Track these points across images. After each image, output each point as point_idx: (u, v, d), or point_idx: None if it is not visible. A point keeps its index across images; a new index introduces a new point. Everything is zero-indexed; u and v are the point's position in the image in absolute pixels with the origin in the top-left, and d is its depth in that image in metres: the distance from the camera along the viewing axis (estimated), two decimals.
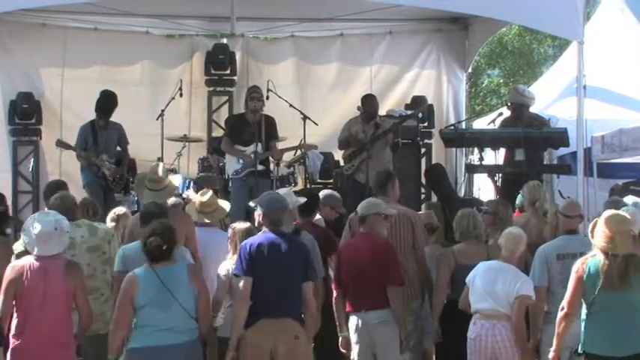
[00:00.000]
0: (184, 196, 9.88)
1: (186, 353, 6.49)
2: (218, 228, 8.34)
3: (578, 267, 6.20)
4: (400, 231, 8.09)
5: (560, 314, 6.30)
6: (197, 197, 8.35)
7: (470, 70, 14.78)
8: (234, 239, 7.53)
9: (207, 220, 8.18)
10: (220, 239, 8.01)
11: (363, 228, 7.70)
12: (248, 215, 10.39)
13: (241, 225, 7.65)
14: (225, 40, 13.77)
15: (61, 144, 11.31)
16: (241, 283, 6.83)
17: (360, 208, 7.72)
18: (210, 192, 8.27)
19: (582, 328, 6.22)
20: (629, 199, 8.87)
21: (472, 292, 7.29)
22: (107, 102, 11.33)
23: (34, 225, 6.61)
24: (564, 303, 6.28)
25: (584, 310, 6.24)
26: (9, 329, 6.54)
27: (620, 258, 6.03)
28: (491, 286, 7.23)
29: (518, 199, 9.50)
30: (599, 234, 6.13)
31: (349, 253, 7.67)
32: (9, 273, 6.57)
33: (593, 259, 6.14)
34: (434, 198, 12.29)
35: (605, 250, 6.08)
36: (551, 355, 6.38)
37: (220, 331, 7.46)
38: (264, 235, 6.97)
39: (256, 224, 7.23)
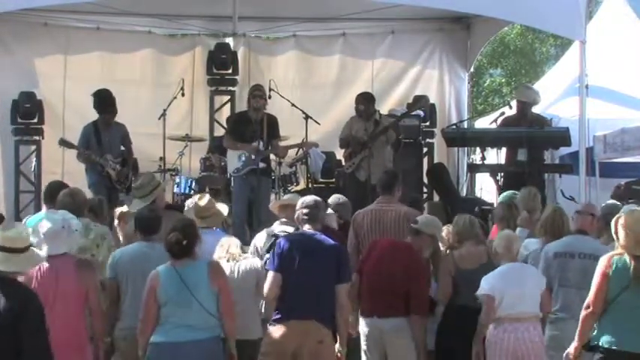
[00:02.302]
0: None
1: (205, 350, 6.48)
2: (219, 229, 8.27)
3: (603, 264, 6.13)
4: (402, 231, 8.02)
5: (584, 312, 6.19)
6: (194, 200, 8.28)
7: (472, 70, 14.79)
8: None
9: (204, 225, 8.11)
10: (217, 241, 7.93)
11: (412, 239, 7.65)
12: (250, 213, 10.43)
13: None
14: (227, 40, 13.77)
15: (65, 143, 11.29)
16: (269, 278, 6.77)
17: (422, 225, 7.65)
18: (208, 196, 8.20)
19: (599, 324, 6.15)
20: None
21: (503, 301, 7.11)
22: (101, 101, 11.28)
23: (41, 224, 6.60)
24: (590, 301, 6.17)
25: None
26: None
27: None
28: (520, 289, 7.13)
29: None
30: (622, 234, 6.07)
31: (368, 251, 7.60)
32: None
33: (620, 257, 6.08)
34: (436, 197, 12.29)
35: (629, 251, 6.03)
36: (571, 349, 6.30)
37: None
38: (299, 234, 6.93)
39: (295, 220, 7.22)
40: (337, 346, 6.91)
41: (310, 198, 7.22)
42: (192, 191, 11.70)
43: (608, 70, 12.19)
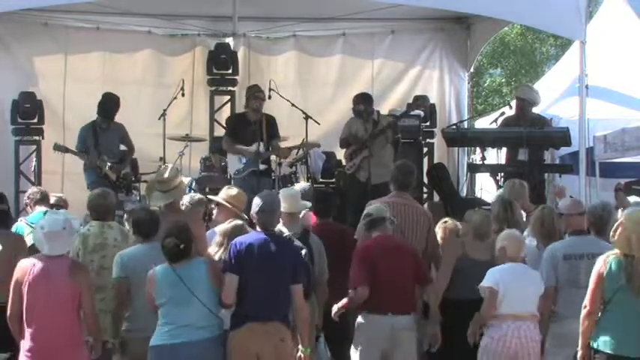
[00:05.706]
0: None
1: (204, 349, 6.49)
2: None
3: (599, 265, 6.18)
4: (416, 228, 8.06)
5: (583, 312, 6.26)
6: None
7: (472, 70, 14.78)
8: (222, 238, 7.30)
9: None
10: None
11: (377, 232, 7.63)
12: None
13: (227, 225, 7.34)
14: (227, 40, 13.77)
15: (59, 148, 11.29)
16: (227, 281, 6.69)
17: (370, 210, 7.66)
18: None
19: (599, 324, 6.18)
20: (632, 199, 8.86)
21: (505, 298, 7.14)
22: (109, 104, 11.31)
23: (42, 224, 6.61)
24: (586, 301, 6.24)
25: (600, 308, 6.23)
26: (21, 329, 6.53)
27: (637, 259, 6.02)
28: (523, 289, 7.17)
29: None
30: (618, 234, 6.12)
31: (376, 252, 7.50)
32: (16, 272, 6.56)
33: (615, 257, 6.12)
34: (436, 197, 12.28)
35: (621, 251, 6.07)
36: (579, 354, 6.32)
37: None
38: (255, 235, 6.87)
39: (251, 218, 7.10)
40: (300, 347, 6.85)
41: (265, 198, 7.02)
42: (192, 191, 11.69)
43: (608, 70, 12.19)
